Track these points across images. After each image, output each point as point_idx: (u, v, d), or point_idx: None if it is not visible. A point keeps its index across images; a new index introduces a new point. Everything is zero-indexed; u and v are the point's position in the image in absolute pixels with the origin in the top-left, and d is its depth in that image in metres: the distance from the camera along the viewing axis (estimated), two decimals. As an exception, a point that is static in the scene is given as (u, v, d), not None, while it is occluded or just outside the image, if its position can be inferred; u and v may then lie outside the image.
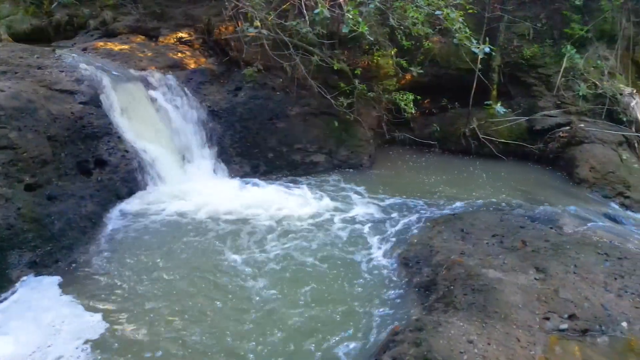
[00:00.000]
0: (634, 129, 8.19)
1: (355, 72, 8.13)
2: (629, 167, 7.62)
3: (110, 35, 8.95)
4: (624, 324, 3.51)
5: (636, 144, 8.15)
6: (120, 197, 6.11)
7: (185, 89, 7.50)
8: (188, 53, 8.39)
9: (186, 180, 6.89)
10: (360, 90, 8.04)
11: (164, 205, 6.13)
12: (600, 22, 8.73)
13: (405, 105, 8.49)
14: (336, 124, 8.14)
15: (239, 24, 7.69)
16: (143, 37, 8.85)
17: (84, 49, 7.88)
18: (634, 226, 6.16)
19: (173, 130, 7.14)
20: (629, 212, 6.86)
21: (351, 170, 8.12)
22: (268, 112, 7.85)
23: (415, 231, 5.74)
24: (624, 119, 8.21)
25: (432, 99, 9.55)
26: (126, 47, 8.10)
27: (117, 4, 9.30)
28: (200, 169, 7.20)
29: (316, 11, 6.32)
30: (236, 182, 7.23)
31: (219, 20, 8.42)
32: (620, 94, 8.31)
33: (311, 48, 7.72)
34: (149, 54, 7.97)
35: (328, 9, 6.57)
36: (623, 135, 8.05)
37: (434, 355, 3.13)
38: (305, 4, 7.12)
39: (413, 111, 8.59)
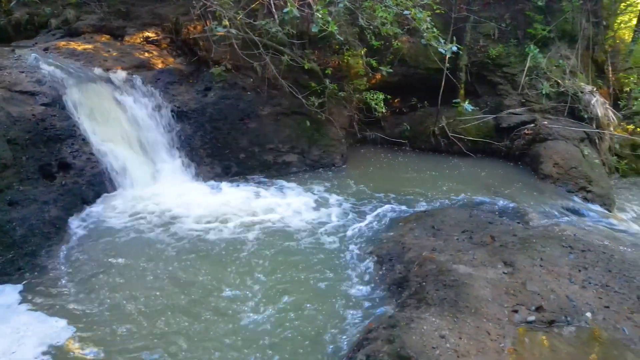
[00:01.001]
0: (594, 126, 8.51)
1: (326, 71, 8.13)
2: (590, 163, 7.90)
3: (73, 34, 8.65)
4: (588, 314, 3.64)
5: (597, 140, 8.47)
6: (87, 202, 5.93)
7: (153, 89, 7.32)
8: (155, 53, 8.20)
9: (155, 183, 6.75)
10: (331, 89, 8.06)
11: (132, 209, 5.97)
12: (562, 22, 9.03)
13: (376, 104, 8.58)
14: (308, 123, 8.14)
15: (208, 23, 7.57)
16: (108, 36, 8.59)
17: (46, 49, 7.59)
18: (596, 219, 6.40)
19: (141, 132, 6.97)
20: (591, 206, 7.11)
21: (324, 169, 8.13)
22: (239, 112, 7.75)
23: (388, 229, 5.79)
24: (585, 116, 8.51)
25: (402, 98, 9.69)
26: (90, 46, 7.84)
27: (79, 2, 9.00)
28: (170, 171, 7.04)
29: (285, 10, 6.29)
30: (207, 183, 7.12)
31: (187, 20, 8.26)
32: (581, 92, 8.61)
33: (281, 48, 7.68)
34: (115, 54, 7.74)
35: (297, 8, 6.55)
36: (584, 131, 8.34)
37: (407, 352, 3.17)
38: (274, 4, 7.07)
39: (383, 110, 8.72)
